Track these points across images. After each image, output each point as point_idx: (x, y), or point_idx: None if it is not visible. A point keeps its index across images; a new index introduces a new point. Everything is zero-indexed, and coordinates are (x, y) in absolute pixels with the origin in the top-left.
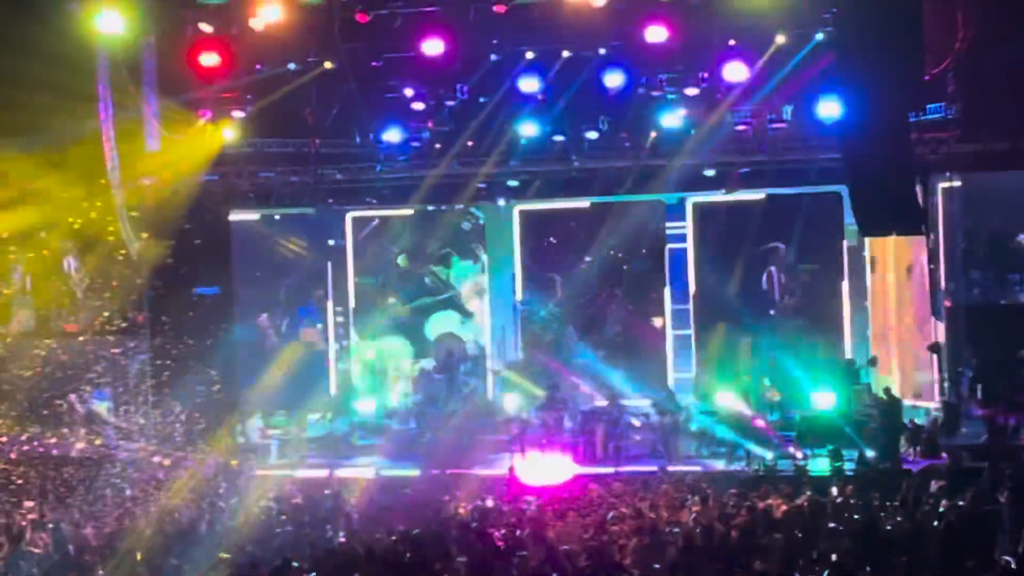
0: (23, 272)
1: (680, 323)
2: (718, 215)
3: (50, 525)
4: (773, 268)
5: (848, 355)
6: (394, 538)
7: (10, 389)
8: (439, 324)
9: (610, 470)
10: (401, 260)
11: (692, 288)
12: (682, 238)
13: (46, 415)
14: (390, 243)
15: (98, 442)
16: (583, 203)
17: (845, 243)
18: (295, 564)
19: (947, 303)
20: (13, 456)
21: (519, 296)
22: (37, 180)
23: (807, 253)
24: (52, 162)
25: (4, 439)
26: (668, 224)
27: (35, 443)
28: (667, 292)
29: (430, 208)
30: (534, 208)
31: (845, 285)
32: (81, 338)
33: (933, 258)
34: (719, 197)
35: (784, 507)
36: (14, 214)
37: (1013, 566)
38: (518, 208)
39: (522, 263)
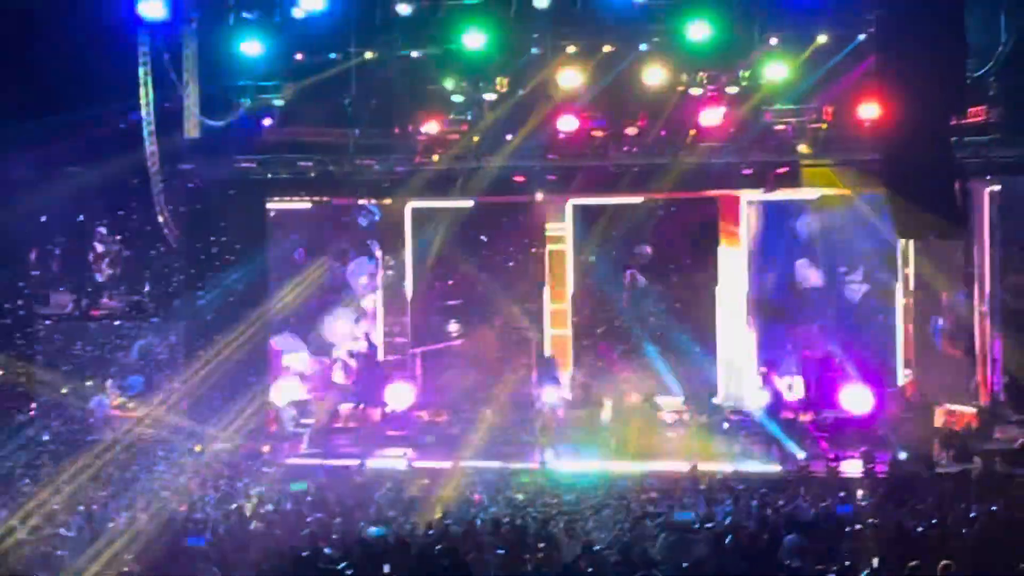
0: (60, 256)
1: None
2: None
3: (81, 508)
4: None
5: None
6: (426, 530)
7: (45, 372)
8: None
9: (642, 466)
10: None
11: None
12: None
13: (79, 398)
14: None
15: (130, 427)
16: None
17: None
18: (327, 552)
19: (983, 308)
20: (46, 439)
21: None
22: (78, 166)
23: None
24: (92, 148)
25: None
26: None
27: (69, 426)
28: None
29: None
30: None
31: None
32: (116, 322)
33: (970, 262)
34: None
35: (815, 508)
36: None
37: None
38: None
39: None
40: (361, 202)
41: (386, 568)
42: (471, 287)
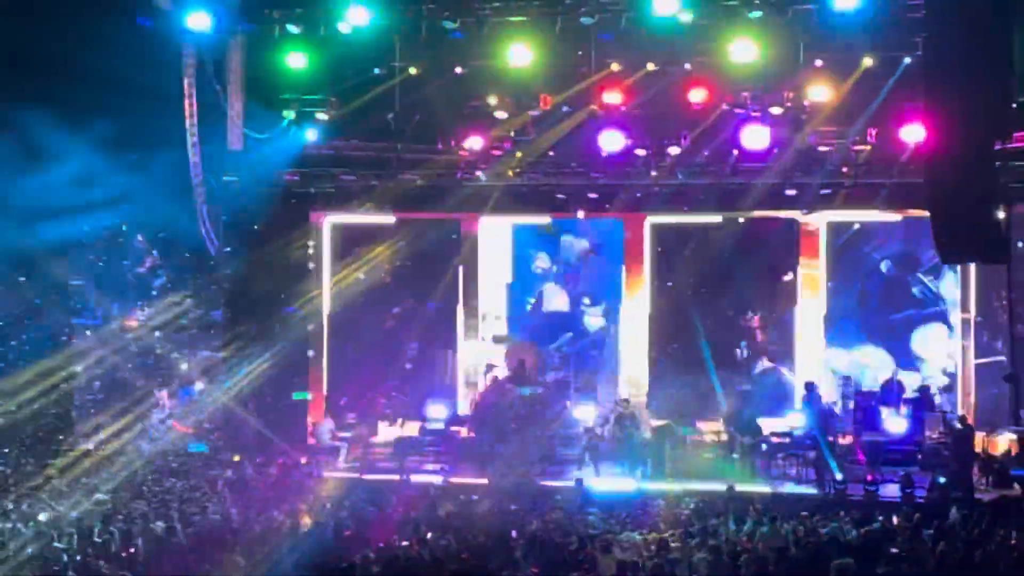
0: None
1: None
2: None
3: (120, 518)
4: None
5: None
6: (460, 547)
7: (85, 381)
8: None
9: (680, 486)
10: None
11: None
12: None
13: (123, 409)
14: None
15: (172, 439)
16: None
17: None
18: (362, 567)
19: None
20: (92, 447)
21: None
22: (122, 179)
23: None
24: (137, 160)
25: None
26: None
27: (111, 436)
28: None
29: None
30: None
31: None
32: (157, 333)
33: (1013, 287)
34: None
35: (854, 532)
36: (99, 213)
37: None
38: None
39: None
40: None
41: None
42: None
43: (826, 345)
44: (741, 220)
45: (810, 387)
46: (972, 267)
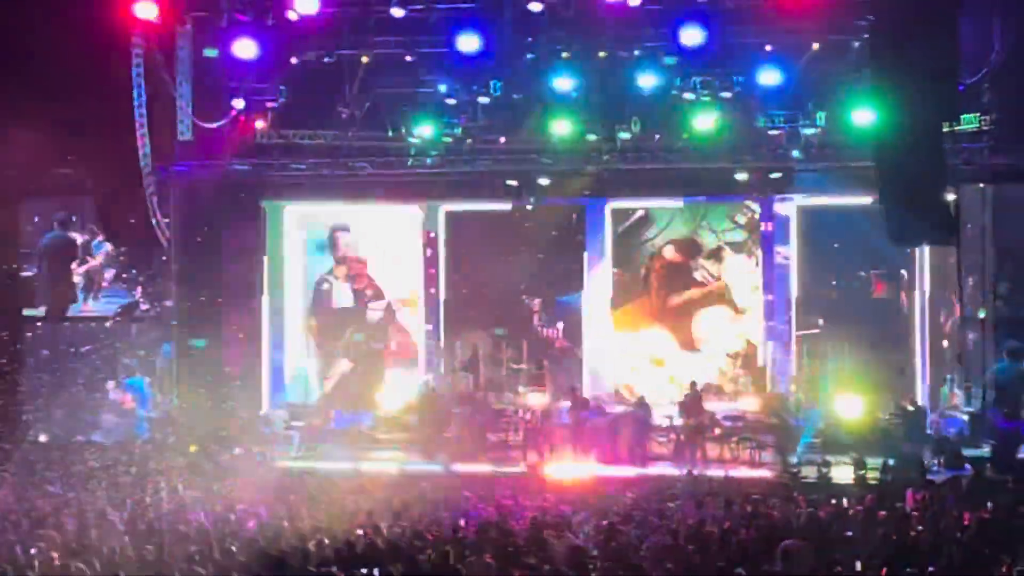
0: (48, 257)
1: None
2: None
3: (74, 509)
4: None
5: None
6: (414, 535)
7: (37, 372)
8: None
9: (634, 471)
10: None
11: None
12: None
13: (74, 399)
14: None
15: (124, 428)
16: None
17: None
18: (314, 553)
19: (976, 314)
20: (43, 440)
21: None
22: (69, 167)
23: None
24: (84, 149)
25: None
26: None
27: (63, 428)
28: None
29: None
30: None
31: None
32: (108, 323)
33: (962, 269)
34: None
35: (806, 513)
36: (48, 201)
37: None
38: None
39: None
40: None
41: (376, 572)
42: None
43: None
44: (529, 207)
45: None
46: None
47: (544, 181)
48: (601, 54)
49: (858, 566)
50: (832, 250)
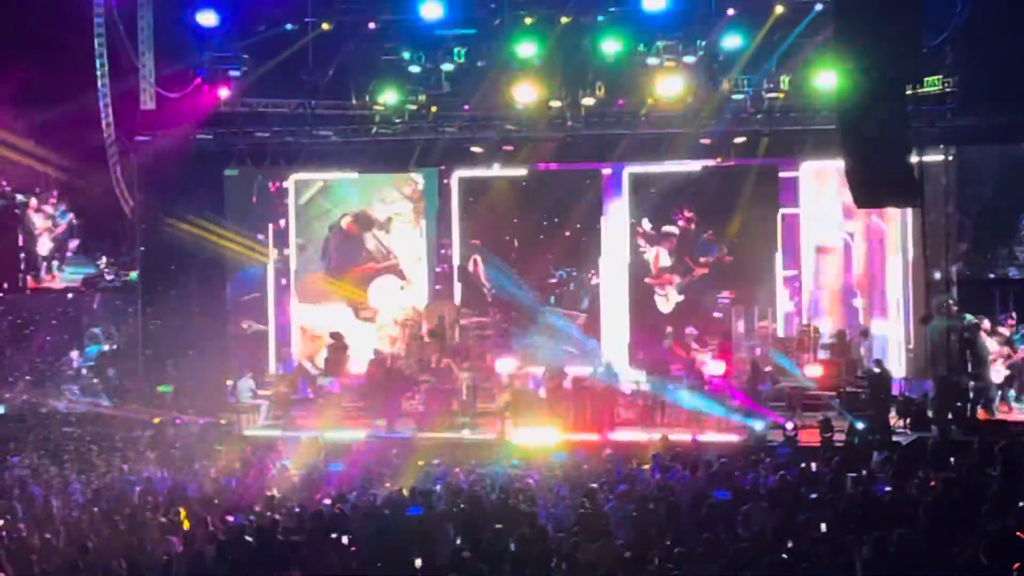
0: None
1: None
2: None
3: (40, 481)
4: None
5: None
6: (384, 503)
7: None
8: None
9: (601, 436)
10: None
11: None
12: None
13: (38, 371)
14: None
15: (88, 399)
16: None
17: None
18: (285, 523)
19: (936, 275)
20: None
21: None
22: (33, 138)
23: None
24: (48, 120)
25: None
26: None
27: (26, 398)
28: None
29: None
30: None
31: None
32: (70, 295)
33: (924, 231)
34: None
35: (774, 476)
36: (13, 172)
37: (1000, 538)
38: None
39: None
40: None
41: (345, 539)
42: None
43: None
44: None
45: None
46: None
47: (508, 148)
48: (564, 20)
49: (823, 528)
50: None
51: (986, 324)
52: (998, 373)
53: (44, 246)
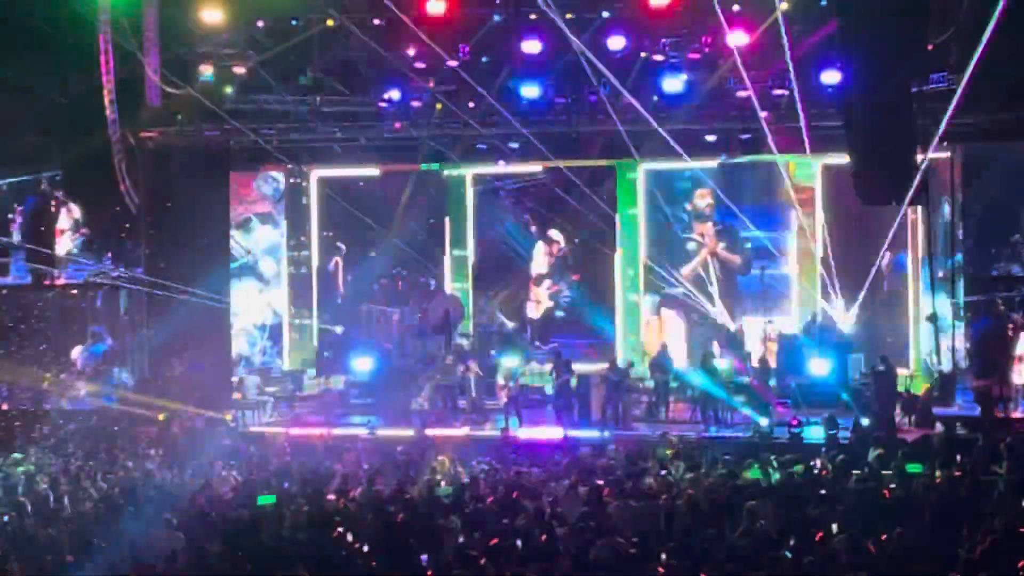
0: (20, 225)
1: None
2: None
3: (45, 477)
4: None
5: None
6: (390, 497)
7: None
8: None
9: (605, 434)
10: None
11: None
12: None
13: (42, 366)
14: None
15: (93, 395)
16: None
17: None
18: (289, 519)
19: (941, 273)
20: (4, 407)
21: None
22: (38, 134)
23: None
24: (53, 116)
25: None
26: None
27: (30, 394)
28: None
29: None
30: None
31: None
32: (74, 291)
33: (929, 228)
34: None
35: (778, 474)
36: (16, 167)
37: (1006, 535)
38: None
39: None
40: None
41: (350, 536)
42: None
43: None
44: None
45: (735, 331)
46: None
47: (513, 145)
48: (568, 16)
49: (835, 528)
50: None
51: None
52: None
53: (63, 246)
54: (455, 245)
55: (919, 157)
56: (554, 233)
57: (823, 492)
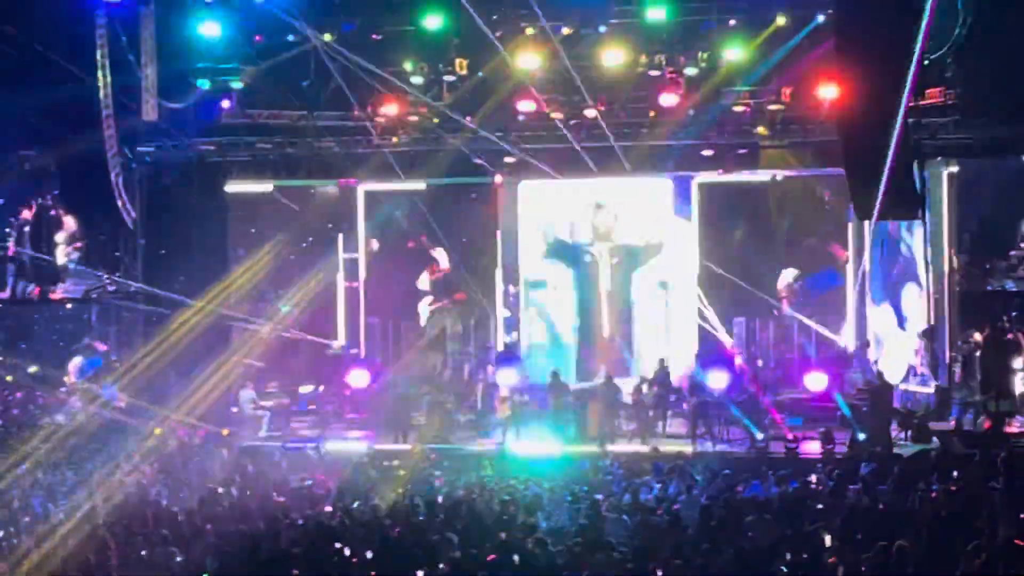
0: (16, 239)
1: None
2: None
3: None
4: None
5: None
6: (387, 512)
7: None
8: None
9: (603, 448)
10: None
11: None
12: None
13: (40, 381)
14: None
15: (91, 410)
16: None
17: None
18: (286, 534)
19: (939, 289)
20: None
21: None
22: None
23: None
24: (51, 131)
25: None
26: None
27: (29, 408)
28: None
29: None
30: None
31: None
32: (68, 305)
33: (926, 243)
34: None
35: (774, 488)
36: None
37: (1004, 549)
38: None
39: None
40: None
41: (347, 550)
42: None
43: None
44: None
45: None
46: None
47: (510, 159)
48: (566, 31)
49: (827, 540)
50: None
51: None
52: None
53: (61, 259)
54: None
55: (916, 172)
56: (436, 251)
57: (820, 507)
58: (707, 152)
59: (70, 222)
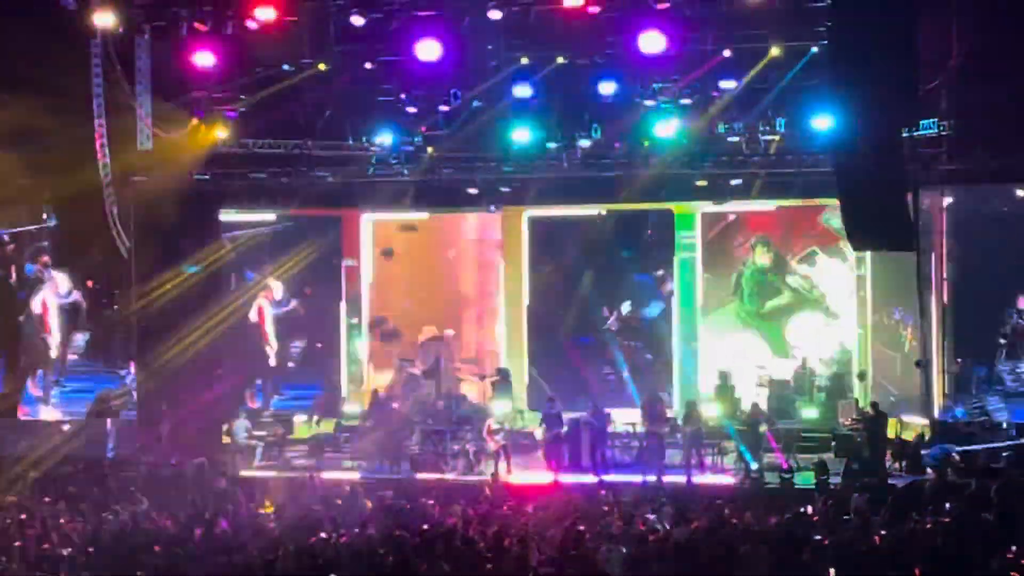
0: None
1: None
2: None
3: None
4: None
5: None
6: (379, 540)
7: None
8: None
9: (595, 479)
10: None
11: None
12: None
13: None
14: None
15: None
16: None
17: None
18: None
19: (933, 320)
20: None
21: None
22: (30, 179)
23: None
24: (44, 161)
25: None
26: None
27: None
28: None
29: None
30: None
31: None
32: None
33: (921, 274)
34: None
35: (770, 519)
36: (8, 212)
37: None
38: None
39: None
40: None
41: None
42: None
43: None
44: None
45: (724, 376)
46: None
47: (504, 189)
48: (560, 61)
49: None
50: None
51: None
52: None
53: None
54: None
55: (910, 203)
56: (272, 282)
57: (817, 538)
58: (701, 182)
59: (61, 279)
